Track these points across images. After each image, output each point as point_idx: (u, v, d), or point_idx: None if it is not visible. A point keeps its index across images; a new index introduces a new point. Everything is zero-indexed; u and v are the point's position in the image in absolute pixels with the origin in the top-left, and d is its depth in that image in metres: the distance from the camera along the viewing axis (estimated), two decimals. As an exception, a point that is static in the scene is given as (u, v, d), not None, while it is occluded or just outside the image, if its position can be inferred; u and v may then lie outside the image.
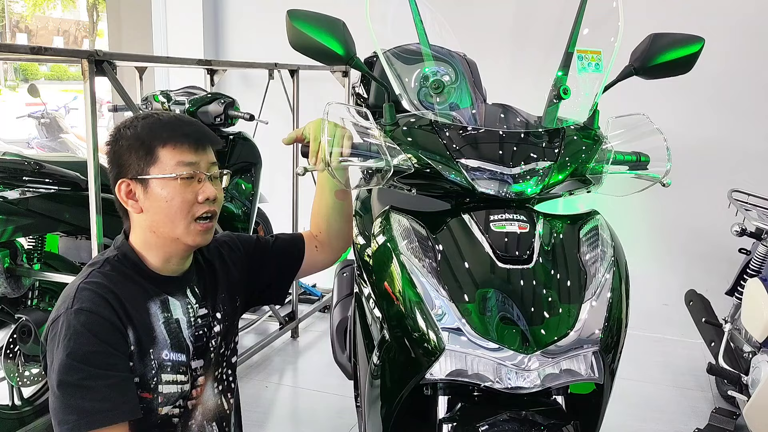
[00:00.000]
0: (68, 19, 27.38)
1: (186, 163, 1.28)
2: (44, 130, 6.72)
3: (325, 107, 1.33)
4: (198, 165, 1.29)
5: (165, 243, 1.31)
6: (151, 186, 1.27)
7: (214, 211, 1.33)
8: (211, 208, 1.31)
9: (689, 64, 1.49)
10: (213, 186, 1.32)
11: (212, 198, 1.31)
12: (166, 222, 1.28)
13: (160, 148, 1.27)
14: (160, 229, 1.29)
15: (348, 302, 2.10)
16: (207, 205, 1.30)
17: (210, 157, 1.33)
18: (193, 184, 1.29)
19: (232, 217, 3.16)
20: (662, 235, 3.62)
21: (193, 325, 1.37)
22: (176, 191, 1.27)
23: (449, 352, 1.20)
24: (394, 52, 1.59)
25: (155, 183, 1.27)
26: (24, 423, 2.35)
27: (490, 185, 1.34)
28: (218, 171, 1.35)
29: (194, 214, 1.29)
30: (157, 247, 1.31)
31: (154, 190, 1.27)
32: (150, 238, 1.31)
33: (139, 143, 1.27)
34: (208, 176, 1.31)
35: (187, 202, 1.28)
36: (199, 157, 1.30)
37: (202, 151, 1.30)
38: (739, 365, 2.53)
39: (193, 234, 1.30)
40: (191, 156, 1.28)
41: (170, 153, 1.27)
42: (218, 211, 1.36)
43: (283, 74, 3.46)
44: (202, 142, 1.31)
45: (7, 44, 1.82)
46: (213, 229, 1.35)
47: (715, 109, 3.42)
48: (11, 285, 2.27)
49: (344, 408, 2.71)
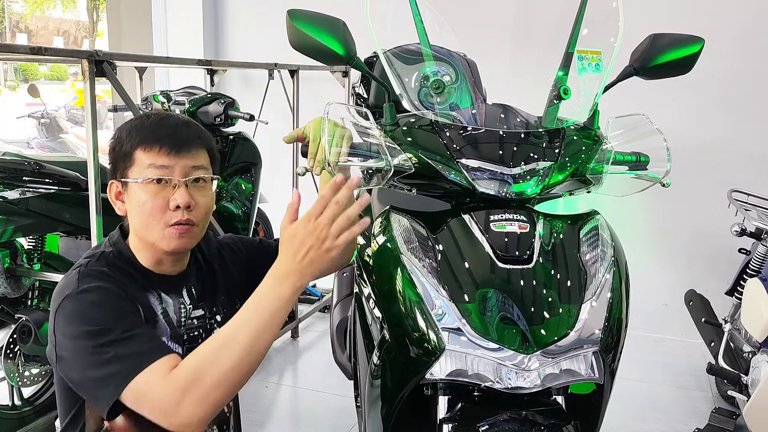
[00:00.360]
0: (68, 19, 27.37)
1: (157, 167, 1.23)
2: (44, 130, 6.73)
3: (325, 107, 1.33)
4: (172, 169, 1.24)
5: (147, 246, 1.29)
6: (130, 189, 1.26)
7: (188, 219, 1.25)
8: (183, 217, 1.24)
9: (689, 65, 1.49)
10: (193, 192, 1.25)
11: (184, 206, 1.23)
12: (141, 226, 1.26)
13: (135, 150, 1.25)
14: (138, 233, 1.28)
15: (348, 302, 2.10)
16: (180, 213, 1.24)
17: (191, 161, 1.26)
18: (167, 189, 1.24)
19: (232, 217, 3.16)
20: (662, 235, 3.63)
21: (184, 325, 1.35)
22: (148, 196, 1.23)
23: (449, 352, 1.20)
24: (394, 52, 1.59)
25: (132, 186, 1.25)
26: (24, 423, 2.35)
27: (490, 185, 1.34)
28: (199, 176, 1.27)
29: (167, 222, 1.24)
30: (144, 248, 1.30)
31: (131, 193, 1.26)
32: (136, 239, 1.30)
33: (120, 145, 1.27)
34: (183, 182, 1.24)
35: (158, 208, 1.23)
36: (174, 161, 1.24)
37: (177, 155, 1.24)
38: (739, 365, 2.53)
39: (167, 239, 1.25)
40: (164, 159, 1.24)
41: (143, 156, 1.24)
42: (201, 218, 1.29)
43: (283, 74, 3.46)
44: (180, 145, 1.25)
45: (7, 44, 1.82)
46: (194, 233, 1.28)
47: (715, 109, 3.42)
48: (11, 285, 2.27)
49: (344, 408, 2.71)
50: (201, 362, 1.09)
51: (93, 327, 1.13)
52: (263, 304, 1.11)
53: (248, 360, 1.10)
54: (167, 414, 1.08)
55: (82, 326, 1.13)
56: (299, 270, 1.10)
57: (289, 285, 1.11)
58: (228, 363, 1.09)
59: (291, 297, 1.12)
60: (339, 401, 2.79)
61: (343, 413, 2.69)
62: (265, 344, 1.12)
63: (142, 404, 1.11)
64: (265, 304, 1.11)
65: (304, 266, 1.10)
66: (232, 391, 1.11)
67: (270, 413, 2.75)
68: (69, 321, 1.15)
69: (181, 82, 3.52)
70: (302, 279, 1.12)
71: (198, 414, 1.08)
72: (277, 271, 1.12)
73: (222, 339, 1.11)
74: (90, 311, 1.14)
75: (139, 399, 1.10)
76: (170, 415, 1.08)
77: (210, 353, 1.10)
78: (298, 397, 2.94)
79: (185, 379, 1.08)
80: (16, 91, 17.51)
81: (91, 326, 1.13)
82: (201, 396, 1.07)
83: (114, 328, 1.13)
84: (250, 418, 2.61)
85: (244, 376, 1.12)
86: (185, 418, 1.08)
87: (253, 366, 1.12)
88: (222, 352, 1.09)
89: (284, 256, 1.12)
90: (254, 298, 1.13)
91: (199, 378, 1.08)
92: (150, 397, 1.09)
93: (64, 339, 1.16)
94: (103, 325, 1.13)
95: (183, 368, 1.09)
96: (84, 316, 1.14)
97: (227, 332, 1.11)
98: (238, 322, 1.12)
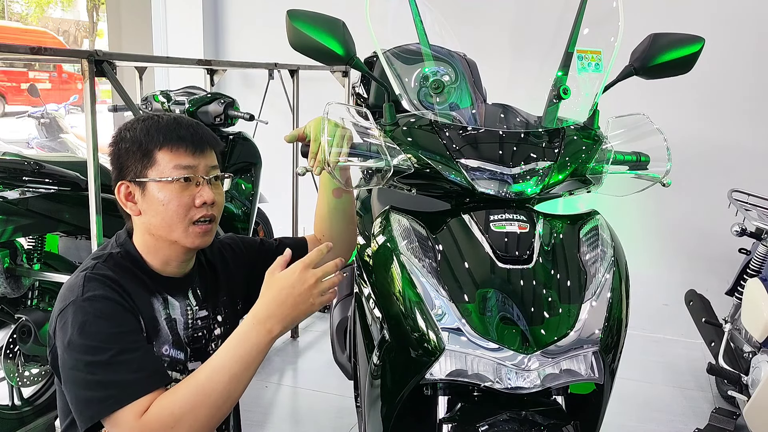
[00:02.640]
0: (68, 19, 27.38)
1: (183, 167, 1.26)
2: (44, 130, 6.72)
3: (325, 107, 1.33)
4: (196, 168, 1.28)
5: (163, 246, 1.30)
6: (148, 189, 1.26)
7: (212, 215, 1.31)
8: (208, 212, 1.30)
9: (689, 64, 1.49)
10: (212, 189, 1.30)
11: (210, 202, 1.29)
12: (163, 225, 1.27)
13: (158, 150, 1.26)
14: (157, 232, 1.28)
15: (348, 302, 2.10)
16: (204, 210, 1.29)
17: (209, 161, 1.31)
18: (191, 187, 1.28)
19: (232, 218, 3.16)
20: (662, 235, 3.62)
21: (191, 326, 1.36)
22: (173, 195, 1.26)
23: (449, 352, 1.20)
24: (394, 52, 1.59)
25: (152, 186, 1.26)
26: (24, 423, 2.35)
27: (490, 185, 1.34)
28: (220, 174, 1.33)
29: (192, 218, 1.28)
30: (155, 249, 1.30)
31: (151, 193, 1.26)
32: (149, 240, 1.30)
33: (137, 146, 1.26)
34: (207, 180, 1.29)
35: (184, 206, 1.27)
36: (197, 161, 1.28)
37: (200, 155, 1.29)
38: (739, 365, 2.53)
39: (192, 237, 1.29)
40: (189, 159, 1.27)
41: (167, 156, 1.26)
42: (218, 215, 1.34)
43: (283, 74, 3.47)
44: (201, 145, 1.29)
45: (7, 44, 1.82)
46: (213, 231, 1.34)
47: (716, 109, 3.42)
48: (11, 285, 2.27)
49: (344, 408, 2.71)
50: (174, 408, 1.10)
51: (88, 342, 1.13)
52: (241, 349, 1.13)
53: (223, 406, 1.12)
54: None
55: (79, 338, 1.13)
56: (281, 315, 1.14)
57: (266, 332, 1.13)
58: (203, 411, 1.10)
59: (268, 344, 1.15)
60: (339, 401, 2.79)
61: (343, 413, 2.69)
62: (240, 390, 1.14)
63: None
64: (243, 349, 1.13)
65: (286, 312, 1.14)
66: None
67: (270, 413, 2.75)
68: (68, 329, 1.15)
69: (181, 82, 3.52)
70: (281, 325, 1.14)
71: None
72: (258, 314, 1.14)
73: (198, 385, 1.11)
74: (89, 324, 1.14)
75: (113, 430, 1.12)
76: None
77: (186, 400, 1.10)
78: (298, 397, 2.93)
79: (158, 424, 1.09)
80: (16, 91, 17.48)
81: (87, 340, 1.13)
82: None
83: (108, 348, 1.13)
84: (250, 418, 2.61)
85: (217, 422, 1.14)
86: None
87: (226, 412, 1.14)
88: (198, 399, 1.10)
89: (268, 300, 1.14)
90: (232, 342, 1.14)
91: (171, 425, 1.09)
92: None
93: (60, 345, 1.17)
94: (98, 343, 1.13)
95: (156, 415, 1.10)
96: (82, 328, 1.14)
97: (204, 378, 1.12)
98: (216, 366, 1.13)
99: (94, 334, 1.13)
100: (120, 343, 1.14)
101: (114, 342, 1.14)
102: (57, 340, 1.18)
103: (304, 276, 1.14)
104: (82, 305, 1.16)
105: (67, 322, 1.16)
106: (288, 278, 1.14)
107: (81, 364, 1.12)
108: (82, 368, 1.12)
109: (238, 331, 1.15)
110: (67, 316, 1.16)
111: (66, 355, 1.14)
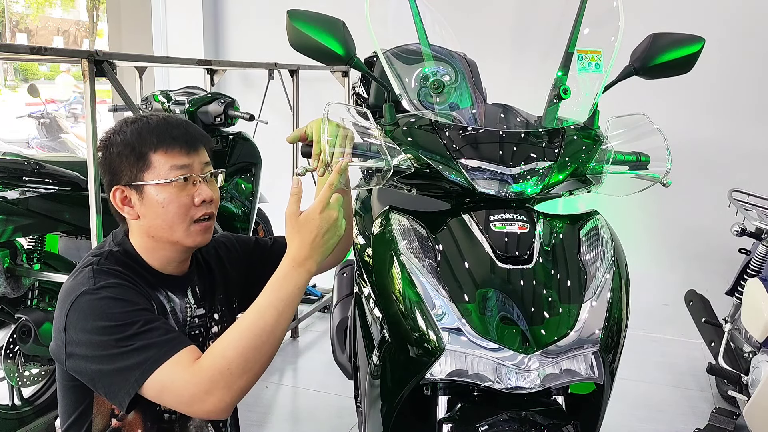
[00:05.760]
0: (68, 19, 27.38)
1: (179, 167, 1.26)
2: (44, 130, 6.73)
3: (325, 107, 1.33)
4: (191, 167, 1.28)
5: (164, 247, 1.30)
6: (146, 192, 1.26)
7: (211, 212, 1.32)
8: (208, 210, 1.30)
9: (689, 64, 1.49)
10: (209, 187, 1.30)
11: (209, 200, 1.29)
12: (164, 227, 1.27)
13: (152, 153, 1.25)
14: (158, 234, 1.28)
15: (348, 302, 2.10)
16: (204, 208, 1.29)
17: (202, 158, 1.31)
18: (189, 187, 1.27)
19: (232, 217, 3.16)
20: (662, 235, 3.62)
21: (188, 324, 1.36)
22: (172, 196, 1.26)
23: (449, 352, 1.20)
24: (394, 52, 1.59)
25: (150, 189, 1.26)
26: (24, 423, 2.35)
27: (490, 185, 1.34)
28: (213, 171, 1.33)
29: (192, 217, 1.28)
30: (155, 250, 1.31)
31: (149, 196, 1.26)
32: (148, 242, 1.30)
33: (129, 149, 1.26)
34: (203, 177, 1.30)
35: (184, 206, 1.27)
36: (192, 159, 1.28)
37: (194, 153, 1.29)
38: (739, 365, 2.53)
39: (193, 235, 1.29)
40: (184, 159, 1.27)
41: (163, 157, 1.25)
42: (215, 212, 1.34)
43: (283, 74, 3.46)
44: (194, 143, 1.29)
45: (7, 44, 1.82)
46: (212, 228, 1.34)
47: (716, 108, 3.42)
48: (11, 285, 2.27)
49: (344, 408, 2.71)
50: (226, 351, 1.11)
51: (113, 322, 1.14)
52: (284, 291, 1.16)
53: (270, 345, 1.14)
54: (194, 403, 1.10)
55: (102, 321, 1.14)
56: (317, 255, 1.19)
57: (306, 272, 1.18)
58: (253, 350, 1.12)
59: (306, 282, 1.19)
60: (339, 401, 2.79)
61: (343, 413, 2.69)
62: (284, 328, 1.17)
63: (165, 394, 1.12)
64: (286, 290, 1.16)
65: (321, 251, 1.18)
66: (257, 377, 1.14)
67: (270, 413, 2.75)
68: (87, 317, 1.15)
69: (181, 82, 3.52)
70: (317, 263, 1.20)
71: (225, 402, 1.10)
72: (296, 258, 1.18)
73: (245, 326, 1.13)
74: (110, 306, 1.15)
75: (162, 390, 1.12)
76: (197, 405, 1.10)
77: (234, 342, 1.12)
78: (298, 397, 2.94)
79: (212, 369, 1.10)
80: (16, 91, 17.53)
81: (111, 321, 1.14)
82: (228, 384, 1.10)
83: (135, 321, 1.14)
84: (249, 418, 2.61)
85: (267, 361, 1.15)
86: (212, 406, 1.10)
87: (274, 350, 1.16)
88: (249, 341, 1.12)
89: (301, 244, 1.17)
90: (275, 285, 1.17)
91: (226, 367, 1.10)
92: (175, 387, 1.11)
93: (80, 335, 1.15)
94: (124, 320, 1.14)
95: (209, 358, 1.12)
96: (104, 312, 1.15)
97: (250, 319, 1.14)
98: (261, 309, 1.15)
99: (116, 314, 1.14)
100: (143, 316, 1.16)
101: (137, 316, 1.15)
102: (72, 331, 1.16)
103: (327, 214, 1.18)
104: (97, 293, 1.17)
105: (83, 311, 1.16)
106: (313, 222, 1.17)
107: (111, 342, 1.12)
108: (114, 345, 1.12)
109: (277, 275, 1.18)
110: (82, 306, 1.16)
111: (89, 340, 1.14)
